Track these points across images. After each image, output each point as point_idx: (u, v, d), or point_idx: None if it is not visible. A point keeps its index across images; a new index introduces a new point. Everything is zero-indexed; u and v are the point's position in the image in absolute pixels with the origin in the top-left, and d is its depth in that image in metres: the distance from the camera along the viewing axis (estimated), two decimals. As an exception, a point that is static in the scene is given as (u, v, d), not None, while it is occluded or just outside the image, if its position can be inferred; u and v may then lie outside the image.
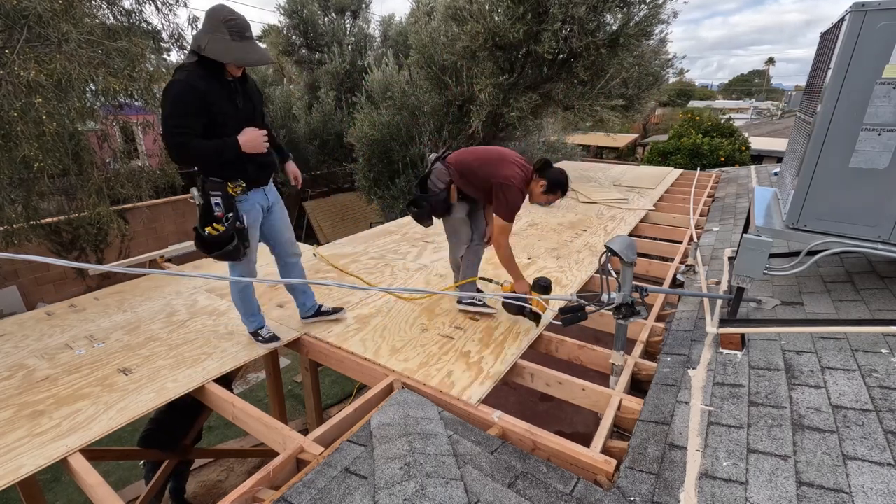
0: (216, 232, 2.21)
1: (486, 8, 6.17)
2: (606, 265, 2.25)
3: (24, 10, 3.80)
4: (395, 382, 2.32)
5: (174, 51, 5.88)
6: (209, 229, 2.22)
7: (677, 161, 11.42)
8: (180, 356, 2.55)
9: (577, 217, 5.40)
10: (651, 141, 15.31)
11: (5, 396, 2.21)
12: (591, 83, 6.56)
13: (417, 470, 1.60)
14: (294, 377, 6.56)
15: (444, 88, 7.28)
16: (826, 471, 1.54)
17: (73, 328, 2.87)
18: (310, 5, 10.90)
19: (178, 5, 5.45)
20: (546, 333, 2.80)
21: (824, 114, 2.17)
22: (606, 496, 1.59)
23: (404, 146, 7.64)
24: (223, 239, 2.22)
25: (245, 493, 1.66)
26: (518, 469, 1.70)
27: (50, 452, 1.86)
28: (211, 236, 2.22)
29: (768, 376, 2.06)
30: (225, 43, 2.05)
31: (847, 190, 2.23)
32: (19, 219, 4.64)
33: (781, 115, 25.85)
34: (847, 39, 2.05)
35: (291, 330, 2.83)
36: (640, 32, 6.16)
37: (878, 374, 1.92)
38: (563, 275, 3.70)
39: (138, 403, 2.16)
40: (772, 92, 53.14)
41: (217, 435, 5.42)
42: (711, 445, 1.73)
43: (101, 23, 4.80)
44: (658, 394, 2.11)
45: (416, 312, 3.04)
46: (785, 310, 2.64)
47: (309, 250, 4.26)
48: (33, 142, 4.08)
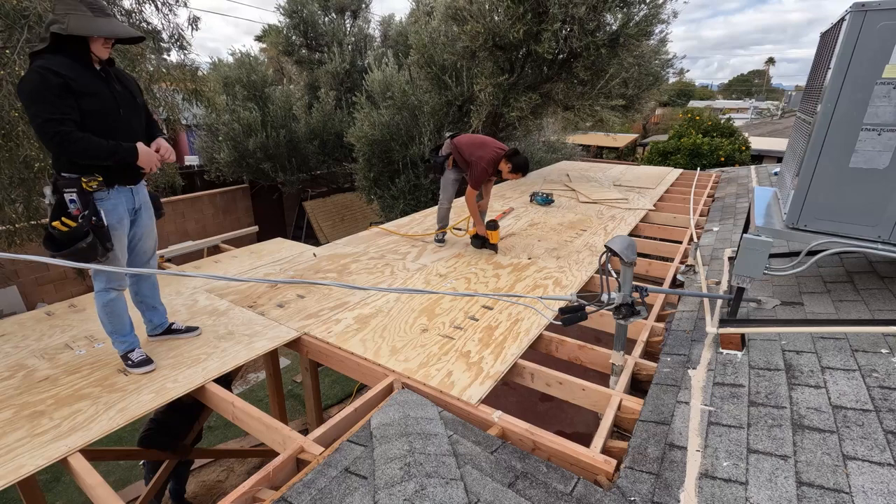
0: (65, 228, 1.96)
1: (486, 8, 6.17)
2: (606, 265, 2.25)
3: (25, 10, 3.80)
4: (395, 382, 2.32)
5: (174, 51, 5.88)
6: (57, 223, 1.97)
7: (677, 161, 11.41)
8: (180, 356, 2.54)
9: (577, 217, 5.40)
10: (651, 141, 15.30)
11: (5, 396, 2.21)
12: (591, 83, 6.56)
13: (417, 470, 1.60)
14: (294, 377, 6.56)
15: (444, 88, 7.28)
16: (826, 471, 1.54)
17: (73, 328, 2.87)
18: (310, 5, 10.89)
19: (178, 5, 5.44)
20: (546, 333, 2.80)
21: (824, 114, 2.17)
22: (606, 496, 1.59)
23: (404, 146, 7.64)
24: (75, 235, 1.97)
25: (245, 493, 1.66)
26: (518, 469, 1.70)
27: (50, 452, 1.86)
28: (59, 232, 1.96)
29: (768, 376, 2.06)
30: (87, 19, 1.91)
31: (847, 190, 2.23)
32: (20, 218, 4.64)
33: (781, 115, 25.82)
34: (847, 39, 2.05)
35: (291, 330, 2.83)
36: (640, 32, 6.16)
37: (878, 374, 1.93)
38: (563, 275, 3.70)
39: (138, 403, 2.16)
40: (772, 92, 53.12)
41: (217, 435, 5.42)
42: (711, 445, 1.73)
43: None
44: (658, 394, 2.11)
45: (416, 312, 3.04)
46: (785, 310, 2.64)
47: (309, 251, 4.26)
48: (34, 142, 4.09)
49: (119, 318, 2.36)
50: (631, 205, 5.89)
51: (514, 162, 3.86)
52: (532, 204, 5.98)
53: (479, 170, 3.86)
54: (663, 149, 12.05)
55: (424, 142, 7.39)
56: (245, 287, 3.44)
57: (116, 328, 2.37)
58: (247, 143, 9.61)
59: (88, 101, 1.99)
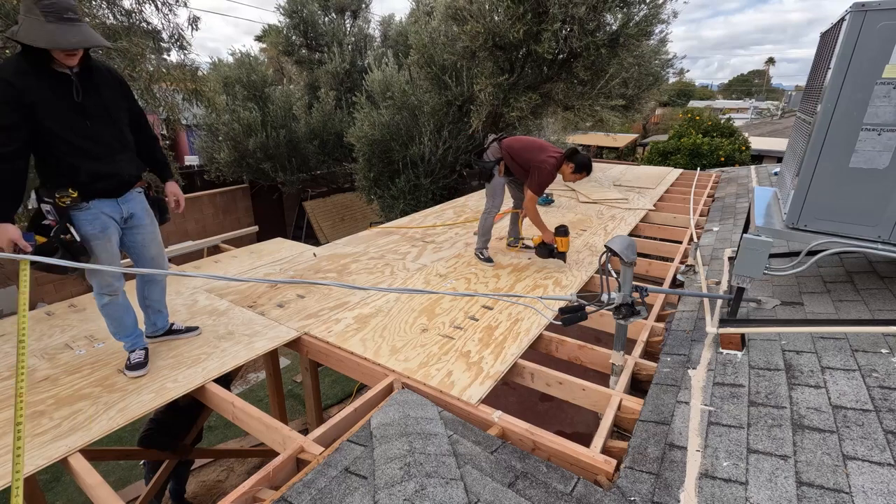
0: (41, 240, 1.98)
1: (486, 8, 6.16)
2: (606, 265, 2.25)
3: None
4: (395, 382, 2.32)
5: (174, 51, 5.88)
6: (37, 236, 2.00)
7: (677, 161, 11.40)
8: (180, 356, 2.54)
9: (577, 217, 5.40)
10: (651, 141, 15.29)
11: (5, 396, 2.21)
12: (591, 83, 6.56)
13: (417, 470, 1.60)
14: (294, 377, 6.56)
15: (444, 88, 7.28)
16: (826, 471, 1.54)
17: (73, 328, 2.87)
18: (310, 5, 10.88)
19: (178, 5, 5.44)
20: (546, 333, 2.80)
21: (824, 114, 2.17)
22: (606, 496, 1.59)
23: (404, 146, 7.64)
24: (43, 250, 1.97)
25: (245, 493, 1.66)
26: (518, 469, 1.70)
27: (50, 452, 1.86)
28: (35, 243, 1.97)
29: (768, 376, 2.06)
30: (39, 25, 1.76)
31: (847, 190, 2.23)
32: (20, 218, 4.65)
33: (781, 115, 25.82)
34: (847, 39, 2.05)
35: (291, 330, 2.83)
36: (640, 32, 6.16)
37: (878, 374, 1.93)
38: (563, 275, 3.70)
39: (138, 403, 2.16)
40: (771, 92, 53.11)
41: (217, 435, 5.42)
42: (711, 445, 1.73)
43: (101, 23, 4.79)
44: (658, 394, 2.11)
45: (416, 312, 3.04)
46: (785, 310, 2.64)
47: (309, 251, 4.26)
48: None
49: (118, 321, 2.37)
50: (631, 205, 5.89)
51: (577, 161, 3.64)
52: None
53: (545, 174, 3.59)
54: (663, 149, 12.04)
55: (424, 142, 7.39)
56: (245, 287, 3.44)
57: (117, 329, 2.40)
58: (247, 143, 9.61)
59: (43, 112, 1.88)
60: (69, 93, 1.94)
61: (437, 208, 5.92)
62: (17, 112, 1.83)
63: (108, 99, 2.08)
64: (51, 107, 1.90)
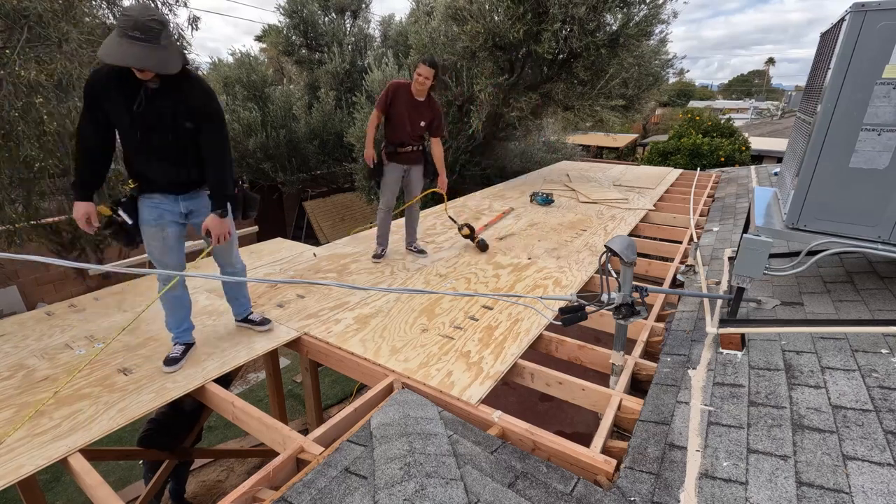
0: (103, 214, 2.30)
1: (486, 8, 6.17)
2: (606, 265, 2.25)
3: (25, 10, 3.79)
4: (395, 382, 2.32)
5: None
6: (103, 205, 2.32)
7: (677, 161, 11.40)
8: (180, 356, 2.54)
9: (577, 217, 5.40)
10: (651, 141, 15.29)
11: (5, 396, 2.21)
12: (591, 83, 6.57)
13: (417, 470, 1.60)
14: (294, 377, 6.56)
15: (444, 88, 7.28)
16: (826, 471, 1.54)
17: (73, 328, 2.87)
18: (310, 5, 10.89)
19: (178, 5, 5.43)
20: (546, 333, 2.80)
21: (824, 114, 2.17)
22: (606, 496, 1.59)
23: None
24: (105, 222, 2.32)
25: (245, 493, 1.66)
26: (518, 469, 1.70)
27: (50, 452, 1.86)
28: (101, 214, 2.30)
29: (768, 376, 2.06)
30: (111, 37, 1.92)
31: (847, 190, 2.23)
32: (20, 218, 4.64)
33: (781, 116, 25.81)
34: (847, 39, 2.05)
35: (291, 330, 2.83)
36: (640, 32, 6.16)
37: (878, 374, 1.93)
38: (563, 275, 3.70)
39: (138, 403, 2.16)
40: (771, 92, 53.13)
41: (217, 435, 5.42)
42: (711, 445, 1.73)
43: (101, 23, 4.79)
44: (658, 394, 2.11)
45: (416, 312, 3.04)
46: (785, 310, 2.64)
47: (309, 251, 4.26)
48: (34, 142, 4.08)
49: (168, 310, 2.54)
50: (631, 205, 5.89)
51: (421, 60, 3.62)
52: (532, 204, 5.98)
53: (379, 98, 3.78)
54: (663, 149, 12.04)
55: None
56: (245, 287, 3.44)
57: (168, 319, 2.56)
58: (247, 143, 9.61)
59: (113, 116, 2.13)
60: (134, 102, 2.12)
61: (436, 208, 5.92)
62: (93, 112, 2.09)
63: (168, 115, 2.19)
64: (116, 113, 2.12)
